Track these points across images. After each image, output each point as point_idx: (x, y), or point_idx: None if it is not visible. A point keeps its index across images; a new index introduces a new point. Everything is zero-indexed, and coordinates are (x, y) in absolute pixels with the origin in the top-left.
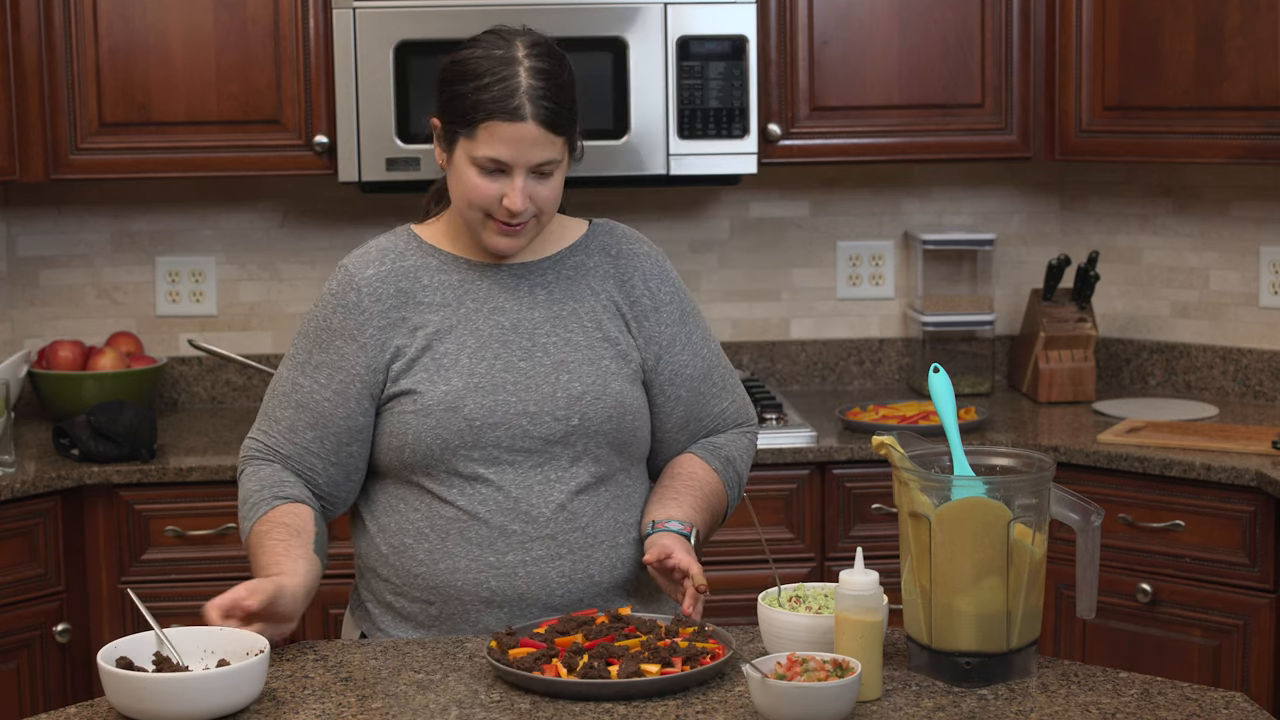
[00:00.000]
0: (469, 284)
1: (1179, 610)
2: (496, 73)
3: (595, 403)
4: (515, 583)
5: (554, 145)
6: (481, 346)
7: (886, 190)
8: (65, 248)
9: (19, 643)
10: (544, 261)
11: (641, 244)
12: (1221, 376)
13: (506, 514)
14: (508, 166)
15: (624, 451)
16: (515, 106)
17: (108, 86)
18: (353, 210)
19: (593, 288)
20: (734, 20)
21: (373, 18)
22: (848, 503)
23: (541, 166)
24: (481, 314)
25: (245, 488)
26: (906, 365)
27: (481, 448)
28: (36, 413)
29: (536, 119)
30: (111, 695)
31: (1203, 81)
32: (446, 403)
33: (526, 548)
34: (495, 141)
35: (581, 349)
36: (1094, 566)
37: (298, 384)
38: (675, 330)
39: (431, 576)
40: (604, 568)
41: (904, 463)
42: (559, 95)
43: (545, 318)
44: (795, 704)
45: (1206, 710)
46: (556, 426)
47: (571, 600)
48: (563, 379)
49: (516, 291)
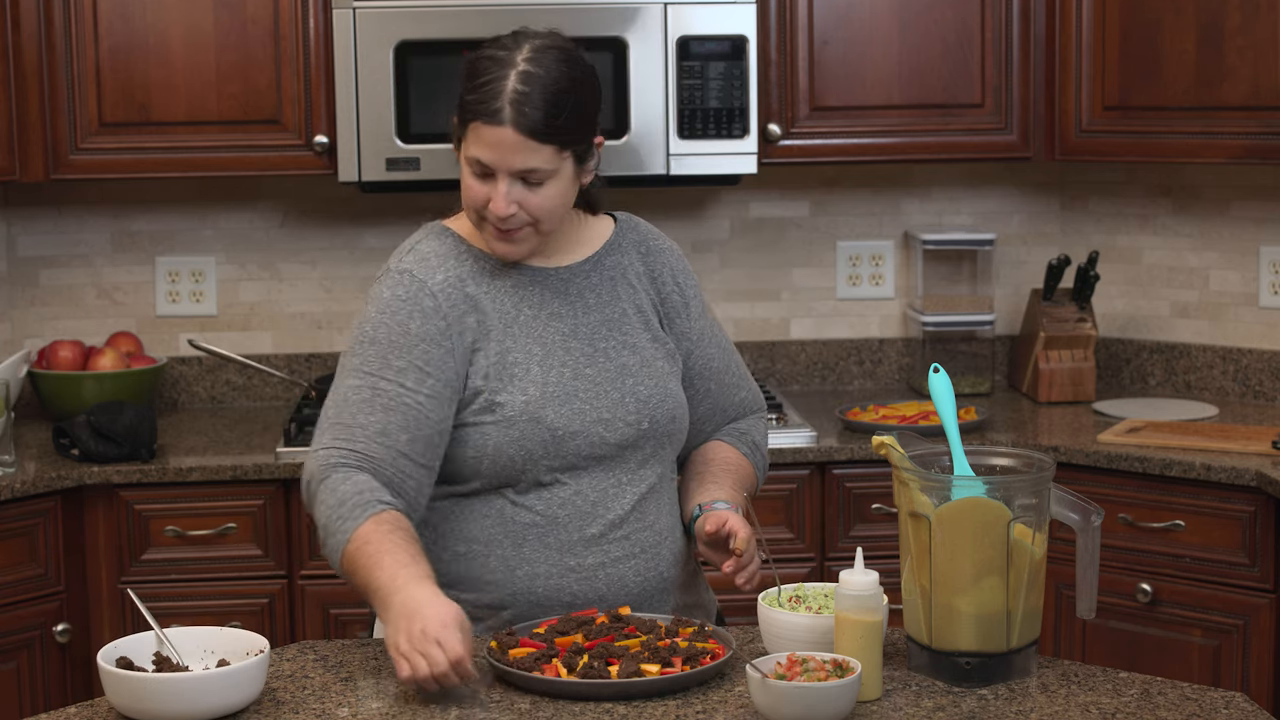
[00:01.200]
0: (521, 289)
1: (1179, 610)
2: (489, 73)
3: (660, 405)
4: (596, 585)
5: (538, 153)
6: (548, 354)
7: (886, 190)
8: (65, 248)
9: (19, 643)
10: (584, 264)
11: (664, 239)
12: (1221, 376)
13: (585, 518)
14: (491, 170)
15: (676, 448)
16: (495, 110)
17: (108, 86)
18: (353, 210)
19: (632, 285)
20: (734, 20)
21: (373, 18)
22: (848, 503)
23: (527, 174)
24: (540, 320)
25: (341, 491)
26: (906, 365)
27: (563, 456)
28: (36, 413)
29: (515, 124)
30: (111, 695)
31: (1203, 81)
32: (529, 413)
33: (605, 550)
34: (479, 143)
35: (639, 351)
36: (1094, 566)
37: (380, 389)
38: (701, 324)
39: (509, 584)
40: (669, 563)
41: (904, 463)
42: (549, 103)
43: (600, 321)
44: (795, 704)
45: (1206, 710)
46: (629, 432)
47: (645, 597)
48: (628, 383)
49: (567, 296)
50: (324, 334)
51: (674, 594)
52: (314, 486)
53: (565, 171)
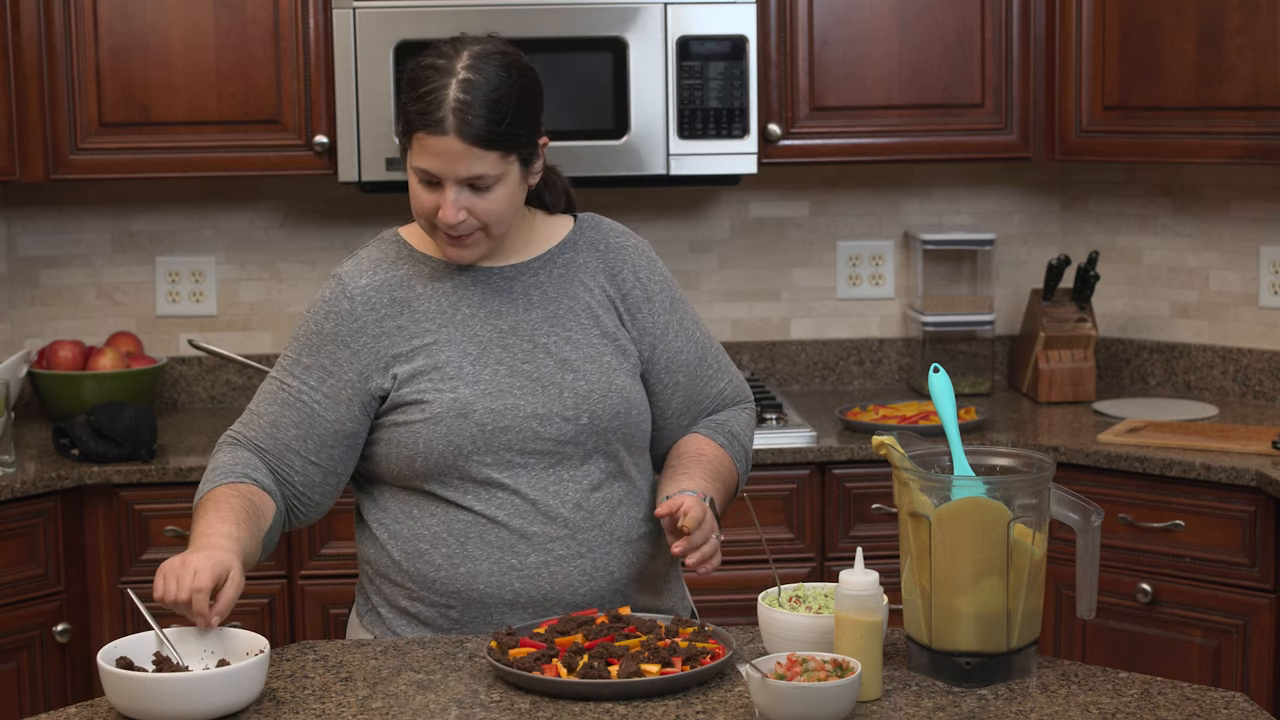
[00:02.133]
0: (462, 289)
1: (1179, 610)
2: (430, 82)
3: (602, 400)
4: (539, 583)
5: (484, 160)
6: (483, 352)
7: (886, 190)
8: (65, 248)
9: (19, 643)
10: (534, 262)
11: (628, 236)
12: (1221, 376)
13: (525, 516)
14: (437, 179)
15: (631, 445)
16: (438, 119)
17: (108, 86)
18: (353, 210)
19: (585, 284)
20: (734, 20)
21: (373, 18)
22: (848, 503)
23: (473, 181)
24: (478, 319)
25: (218, 460)
26: (906, 365)
27: (494, 452)
28: (36, 413)
29: (459, 133)
30: (111, 695)
31: (1203, 81)
32: (456, 409)
33: (548, 548)
34: (424, 153)
35: (582, 347)
36: (1094, 566)
37: (285, 384)
38: (668, 318)
39: (451, 581)
40: (623, 563)
41: (904, 463)
42: (490, 109)
43: (543, 318)
44: (795, 704)
45: (1206, 710)
46: (566, 426)
47: (594, 598)
48: (568, 378)
49: (510, 294)
50: None
51: (632, 596)
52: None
53: (511, 175)
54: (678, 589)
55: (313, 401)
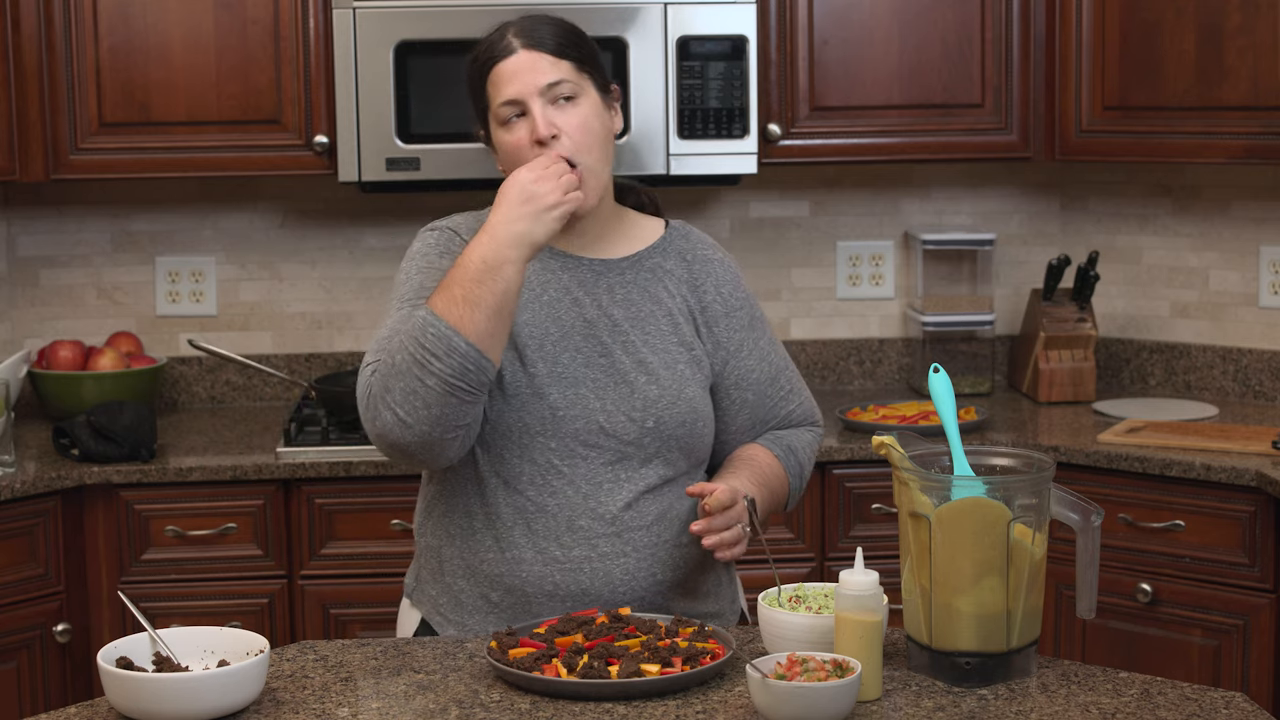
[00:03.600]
0: (551, 272)
1: (1179, 610)
2: (489, 39)
3: (670, 407)
4: (579, 578)
5: (557, 66)
6: (564, 337)
7: (886, 190)
8: (65, 248)
9: (19, 643)
10: (623, 261)
11: (715, 250)
12: (1221, 376)
13: (575, 509)
14: (520, 103)
15: (691, 455)
16: (504, 46)
17: (108, 86)
18: (353, 210)
19: (669, 290)
20: (734, 20)
21: (373, 18)
22: (848, 503)
23: (554, 89)
24: (563, 304)
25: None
26: (906, 365)
27: (559, 438)
28: (36, 413)
29: (525, 45)
30: (111, 695)
31: (1203, 81)
32: (532, 388)
33: (593, 544)
34: (499, 86)
35: (660, 352)
36: (1094, 566)
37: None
38: (743, 336)
39: (496, 564)
40: (667, 566)
41: (904, 463)
42: (553, 26)
43: (625, 316)
44: (795, 704)
45: (1206, 710)
46: (631, 428)
47: (633, 597)
48: (640, 380)
49: (597, 287)
50: (324, 334)
51: (675, 600)
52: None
53: (590, 96)
54: (729, 592)
55: None
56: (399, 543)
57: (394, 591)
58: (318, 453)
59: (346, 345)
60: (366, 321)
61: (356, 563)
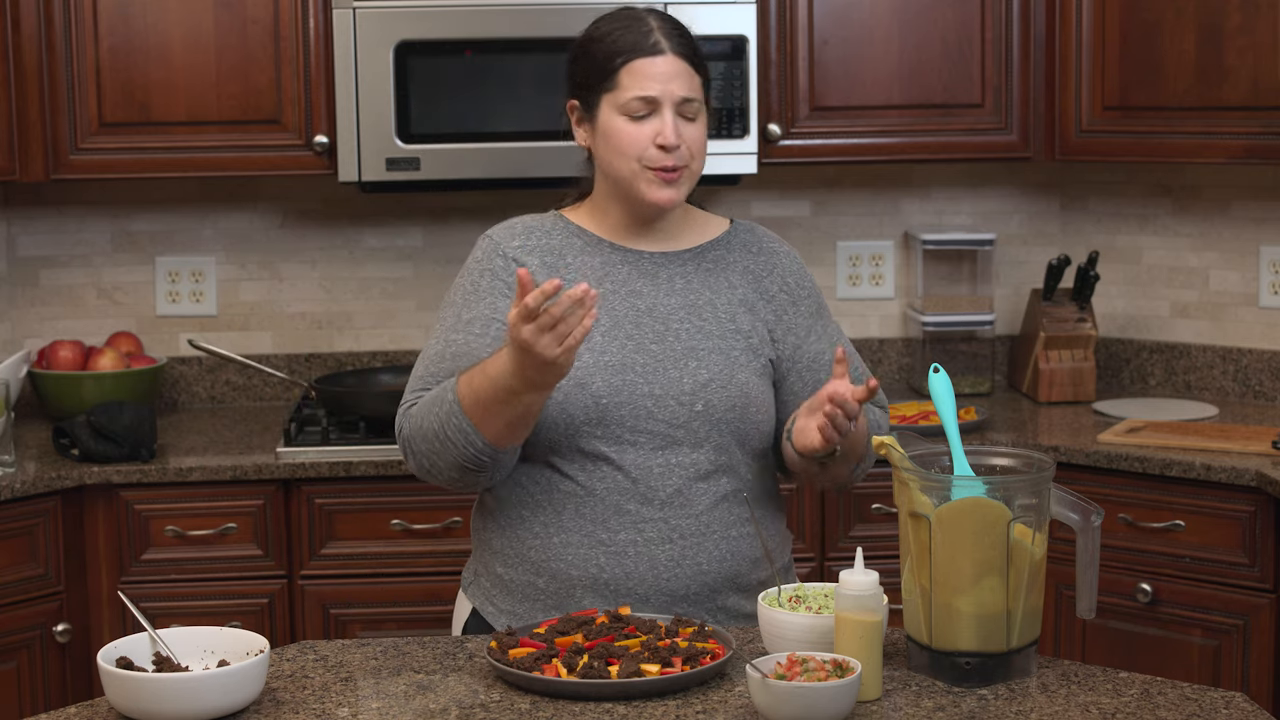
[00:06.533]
0: (610, 266)
1: (1179, 610)
2: (627, 24)
3: (720, 390)
4: (625, 562)
5: (694, 82)
6: (615, 326)
7: (886, 190)
8: (65, 248)
9: (19, 643)
10: (685, 253)
11: (780, 243)
12: (1221, 376)
13: (624, 493)
14: (656, 103)
15: (745, 443)
16: (653, 43)
17: (108, 86)
18: (353, 210)
19: (730, 282)
20: (734, 20)
21: (373, 18)
22: (848, 503)
23: (685, 105)
24: (619, 295)
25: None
26: (906, 365)
27: (606, 425)
28: (36, 413)
29: (674, 51)
30: (111, 695)
31: (1203, 81)
32: (575, 379)
33: (639, 528)
34: (639, 79)
35: (713, 338)
36: (1094, 566)
37: (450, 341)
38: (812, 322)
39: (543, 549)
40: (713, 557)
41: (904, 463)
42: (689, 35)
43: (680, 305)
44: (795, 704)
45: (1206, 710)
46: (680, 411)
47: (678, 585)
48: (690, 365)
49: (655, 279)
50: (324, 334)
51: (723, 595)
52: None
53: (704, 111)
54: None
55: (481, 350)
56: (399, 543)
57: (395, 592)
58: (318, 453)
59: (346, 345)
60: (366, 321)
61: (356, 563)
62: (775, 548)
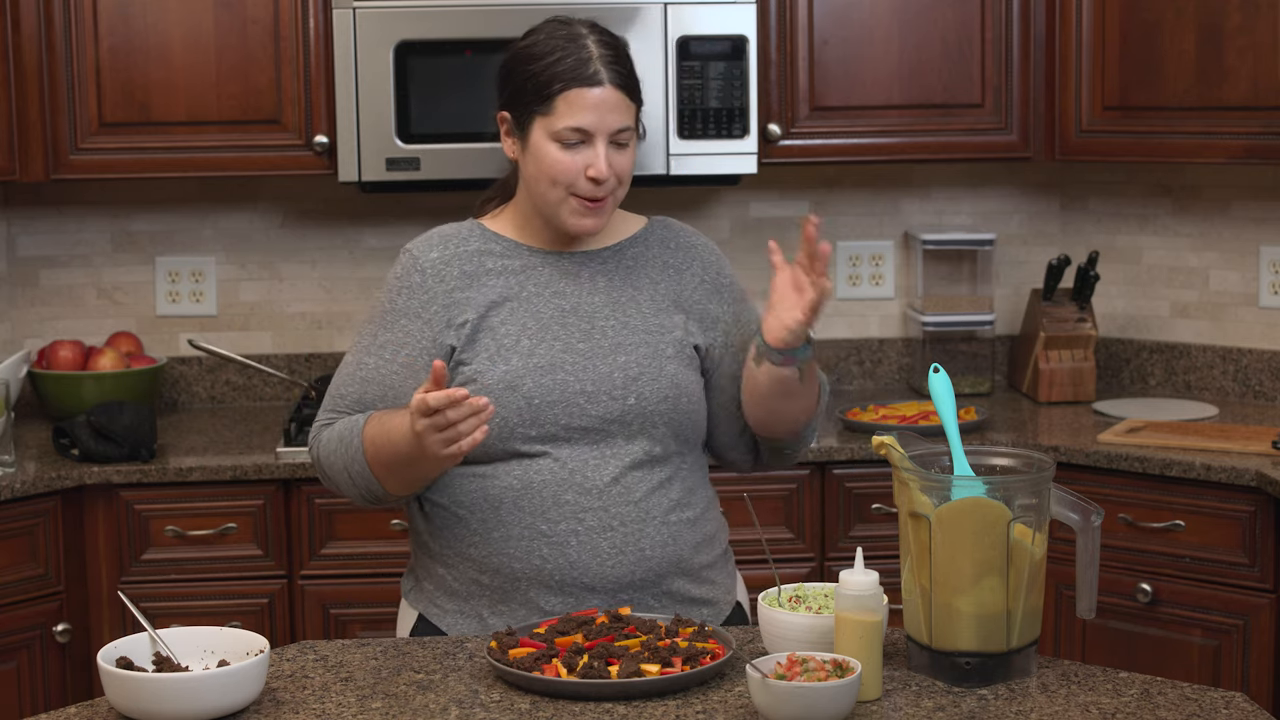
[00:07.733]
0: (531, 269)
1: (1179, 610)
2: (566, 48)
3: (651, 383)
4: (567, 553)
5: (629, 112)
6: (541, 329)
7: (886, 190)
8: (65, 248)
9: (19, 643)
10: (604, 251)
11: (698, 236)
12: (1221, 376)
13: (561, 485)
14: (589, 135)
15: (679, 434)
16: (592, 73)
17: (108, 86)
18: (353, 210)
19: (651, 277)
20: (734, 20)
21: (373, 18)
22: (848, 503)
23: (619, 134)
24: (542, 297)
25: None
26: (906, 365)
27: (540, 425)
28: (36, 413)
29: (613, 83)
30: (111, 695)
31: (1203, 81)
32: (506, 382)
33: (579, 518)
34: (575, 110)
35: (639, 333)
36: (1094, 566)
37: (363, 363)
38: (739, 308)
39: (484, 546)
40: (656, 543)
41: (904, 463)
42: (628, 62)
43: (604, 302)
44: (795, 704)
45: (1206, 710)
46: (613, 405)
47: (623, 573)
48: (619, 360)
49: (578, 278)
50: (324, 334)
51: (670, 579)
52: (317, 453)
53: (634, 136)
54: (726, 583)
55: (390, 374)
56: (399, 543)
57: (394, 591)
58: None
59: (346, 345)
60: None
61: (356, 563)
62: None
